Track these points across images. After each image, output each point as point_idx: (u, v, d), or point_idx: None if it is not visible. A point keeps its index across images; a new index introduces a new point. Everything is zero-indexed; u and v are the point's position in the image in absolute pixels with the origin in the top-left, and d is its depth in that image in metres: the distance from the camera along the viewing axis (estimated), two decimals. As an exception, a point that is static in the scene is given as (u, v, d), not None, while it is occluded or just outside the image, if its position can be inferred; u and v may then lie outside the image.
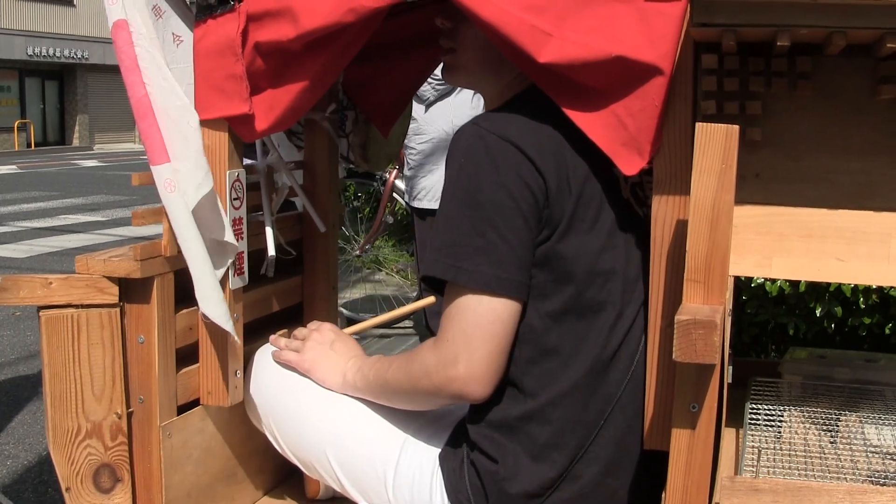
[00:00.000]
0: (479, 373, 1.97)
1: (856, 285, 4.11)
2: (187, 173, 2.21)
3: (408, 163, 5.90)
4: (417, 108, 5.76)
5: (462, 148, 2.00)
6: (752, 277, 4.04)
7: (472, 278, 1.95)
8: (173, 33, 2.29)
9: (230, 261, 2.31)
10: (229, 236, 2.27)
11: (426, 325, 6.01)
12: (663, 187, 1.95)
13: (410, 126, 5.73)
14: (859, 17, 1.65)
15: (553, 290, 2.00)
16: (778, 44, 1.72)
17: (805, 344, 4.45)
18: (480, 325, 1.96)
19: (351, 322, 6.75)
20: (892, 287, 4.01)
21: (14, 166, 27.32)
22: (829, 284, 4.14)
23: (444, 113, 5.69)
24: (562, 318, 2.01)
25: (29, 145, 38.73)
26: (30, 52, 38.29)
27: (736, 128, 1.71)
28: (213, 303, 2.20)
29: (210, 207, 2.25)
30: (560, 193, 1.96)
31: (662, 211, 1.96)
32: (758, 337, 4.72)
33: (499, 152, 1.95)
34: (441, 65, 2.38)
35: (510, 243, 1.94)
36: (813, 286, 4.26)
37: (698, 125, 1.73)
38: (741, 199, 1.87)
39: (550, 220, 1.97)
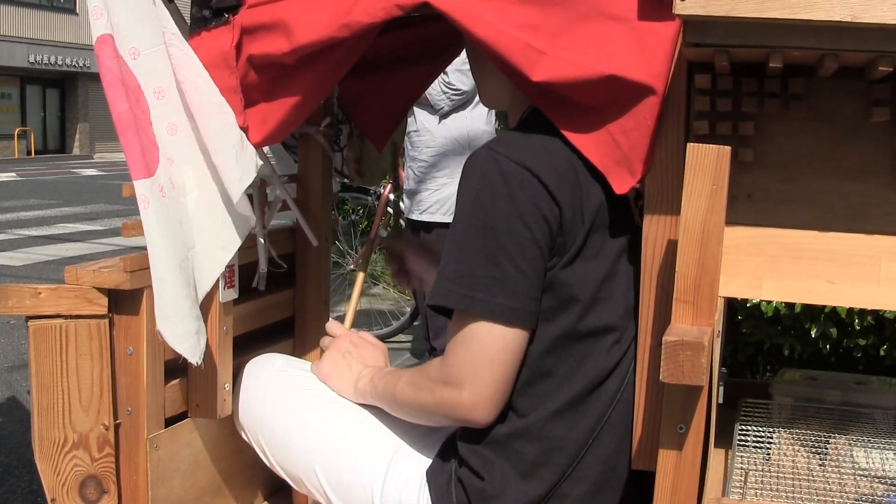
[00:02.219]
0: (483, 400, 1.97)
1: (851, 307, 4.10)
2: (226, 169, 2.22)
3: (414, 175, 5.84)
4: (430, 119, 5.72)
5: (478, 174, 1.98)
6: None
7: (488, 309, 1.93)
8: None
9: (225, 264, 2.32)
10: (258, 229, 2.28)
11: (426, 338, 5.99)
12: (654, 207, 1.95)
13: (420, 138, 5.70)
14: (851, 39, 1.64)
15: (554, 315, 1.99)
16: (770, 65, 1.72)
17: (800, 365, 4.45)
18: (490, 353, 1.95)
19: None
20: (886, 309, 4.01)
21: (13, 174, 27.29)
22: (824, 306, 4.14)
23: (458, 125, 5.65)
24: (560, 341, 2.00)
25: (29, 153, 38.72)
26: (31, 59, 38.32)
27: (727, 149, 1.71)
28: (172, 323, 2.17)
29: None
30: (573, 222, 1.96)
31: (653, 231, 1.96)
32: (753, 357, 4.71)
33: (515, 180, 1.93)
34: (453, 75, 2.39)
35: (525, 273, 1.93)
36: (808, 307, 4.26)
37: (689, 145, 1.72)
38: (733, 219, 1.87)
39: (562, 249, 1.96)
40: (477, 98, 5.63)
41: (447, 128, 5.67)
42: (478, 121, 5.66)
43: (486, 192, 1.95)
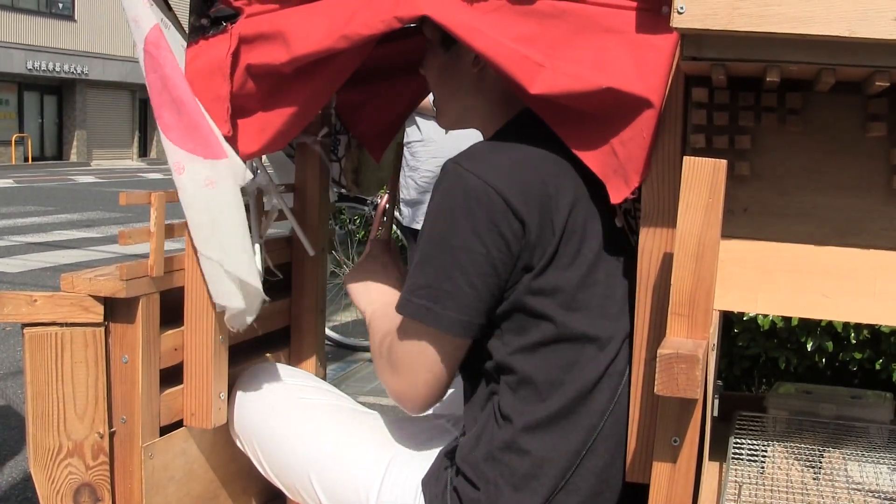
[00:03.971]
0: (413, 395, 2.11)
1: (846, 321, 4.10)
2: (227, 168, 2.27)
3: (416, 185, 5.83)
4: (438, 129, 5.69)
5: (442, 189, 2.01)
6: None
7: (438, 321, 2.00)
8: (182, 44, 2.30)
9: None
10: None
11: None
12: (651, 220, 1.95)
13: (425, 148, 5.68)
14: (848, 54, 1.64)
15: (530, 325, 2.01)
16: (767, 79, 1.72)
17: (796, 378, 4.44)
18: (428, 358, 2.06)
19: (339, 345, 6.75)
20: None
21: (11, 180, 27.29)
22: (820, 319, 4.13)
23: (467, 133, 5.60)
24: (538, 349, 2.01)
25: (26, 159, 38.69)
26: (29, 65, 38.29)
27: (723, 162, 1.71)
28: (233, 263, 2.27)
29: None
30: (541, 236, 1.97)
31: (649, 243, 1.96)
32: (749, 370, 4.71)
33: (476, 198, 1.95)
34: None
35: (476, 288, 1.98)
36: (805, 321, 4.26)
37: (685, 159, 1.73)
38: (729, 233, 1.87)
39: (530, 263, 1.98)
40: None
41: (455, 138, 5.61)
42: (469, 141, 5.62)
43: (447, 207, 1.99)
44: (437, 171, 5.59)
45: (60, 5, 40.12)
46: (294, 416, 2.40)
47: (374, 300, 2.38)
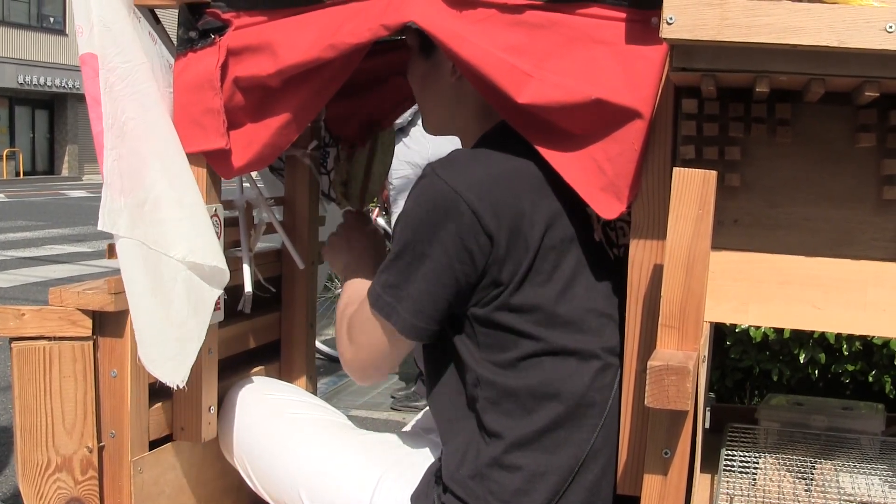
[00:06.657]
0: (355, 366, 2.21)
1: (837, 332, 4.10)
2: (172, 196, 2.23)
3: (391, 197, 5.83)
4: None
5: (417, 193, 2.03)
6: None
7: (399, 321, 2.04)
8: (168, 61, 2.29)
9: (218, 294, 2.29)
10: (220, 261, 2.26)
11: (417, 364, 5.97)
12: (641, 232, 1.95)
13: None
14: (838, 64, 1.64)
15: (510, 341, 2.01)
16: (757, 90, 1.72)
17: (789, 390, 4.44)
18: (380, 343, 2.12)
19: (330, 359, 6.74)
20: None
21: (2, 195, 27.20)
22: (812, 331, 4.13)
23: (421, 150, 5.51)
24: (519, 364, 2.01)
25: (17, 174, 38.62)
26: (20, 80, 38.25)
27: (713, 174, 1.71)
28: (147, 347, 2.15)
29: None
30: (512, 251, 1.97)
31: (640, 255, 1.95)
32: (741, 382, 4.71)
33: (446, 209, 1.96)
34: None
35: (435, 298, 2.01)
36: (797, 332, 4.26)
37: (675, 170, 1.72)
38: (719, 244, 1.87)
39: (498, 278, 1.98)
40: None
41: (410, 153, 5.56)
42: (444, 144, 5.60)
43: (418, 213, 2.01)
44: (398, 185, 5.52)
45: (52, 19, 40.10)
46: (284, 431, 2.39)
47: (347, 265, 2.46)
